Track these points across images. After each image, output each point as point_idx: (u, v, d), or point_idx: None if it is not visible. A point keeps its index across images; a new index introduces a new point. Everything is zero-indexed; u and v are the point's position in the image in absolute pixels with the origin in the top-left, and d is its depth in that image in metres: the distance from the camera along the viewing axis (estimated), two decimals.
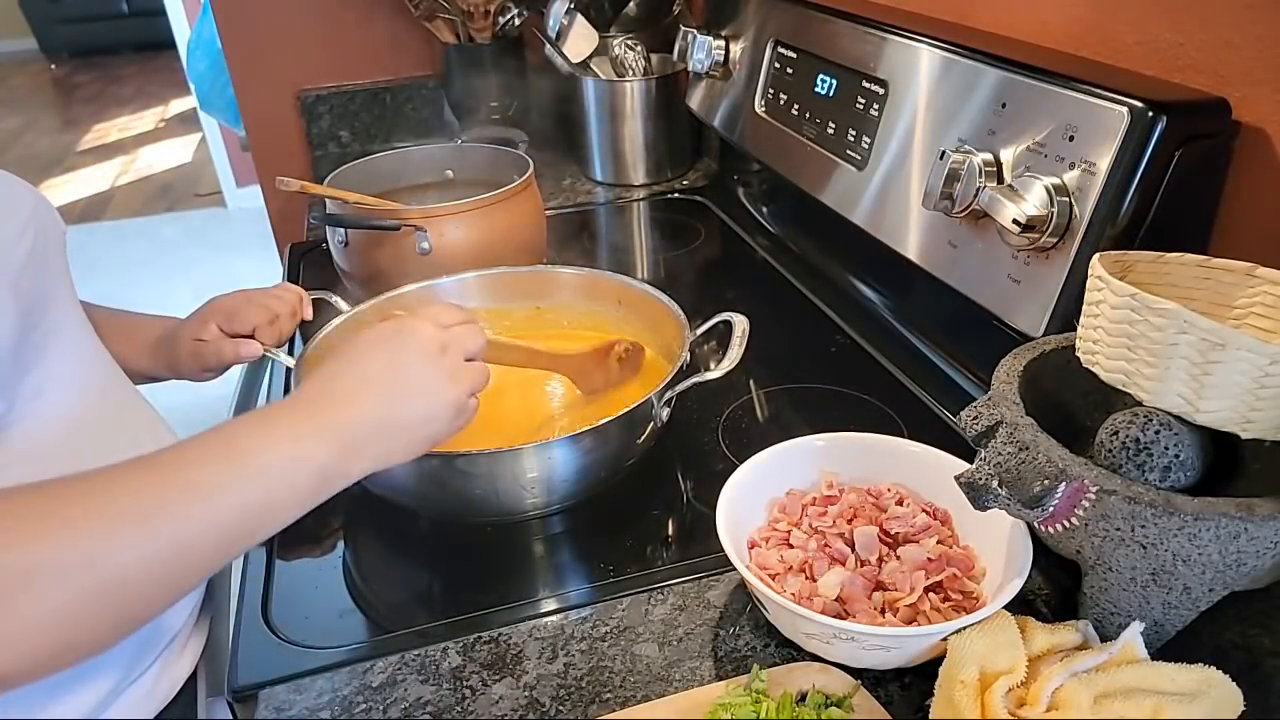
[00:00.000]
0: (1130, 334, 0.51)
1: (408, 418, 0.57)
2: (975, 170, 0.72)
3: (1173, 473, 0.53)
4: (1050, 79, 0.70)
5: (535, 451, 0.68)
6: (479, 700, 0.58)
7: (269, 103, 1.58)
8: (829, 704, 0.53)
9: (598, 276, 0.92)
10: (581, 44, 1.39)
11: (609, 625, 0.63)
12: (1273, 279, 0.56)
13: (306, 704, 0.58)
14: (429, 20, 1.47)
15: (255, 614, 0.66)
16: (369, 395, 0.56)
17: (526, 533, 0.74)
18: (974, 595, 0.59)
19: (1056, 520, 0.53)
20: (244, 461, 0.51)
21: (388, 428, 0.56)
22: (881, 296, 1.04)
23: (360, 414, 0.55)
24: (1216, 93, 0.66)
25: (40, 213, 0.70)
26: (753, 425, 0.86)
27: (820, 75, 1.01)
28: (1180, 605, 0.53)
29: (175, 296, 1.85)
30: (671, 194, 1.42)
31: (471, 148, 1.20)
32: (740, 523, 0.64)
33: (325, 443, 0.53)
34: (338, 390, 0.56)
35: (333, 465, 0.53)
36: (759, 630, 0.62)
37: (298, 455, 0.52)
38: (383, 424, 0.56)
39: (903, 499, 0.65)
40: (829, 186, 0.99)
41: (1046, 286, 0.69)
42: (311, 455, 0.52)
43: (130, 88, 6.03)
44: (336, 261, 1.06)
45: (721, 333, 0.79)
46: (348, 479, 0.54)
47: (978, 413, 0.57)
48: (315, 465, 0.52)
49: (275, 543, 0.73)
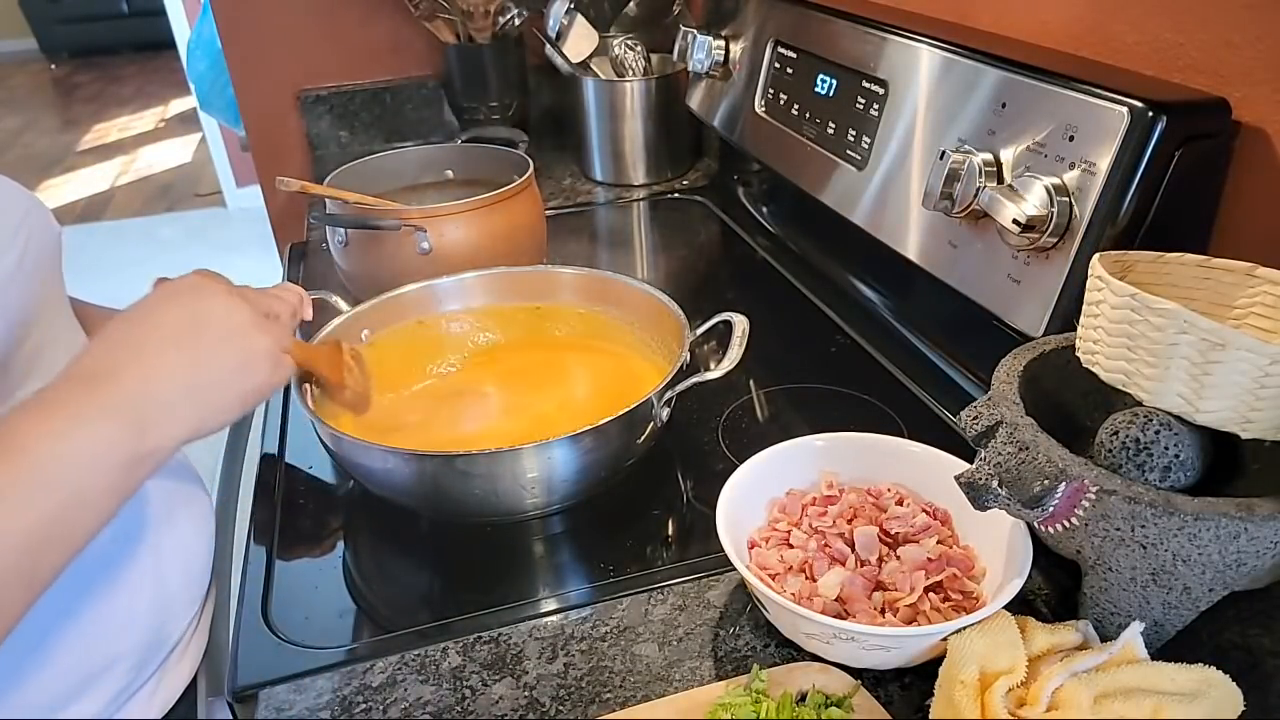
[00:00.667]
0: (1130, 334, 0.51)
1: (218, 372, 0.51)
2: (975, 170, 0.72)
3: (1173, 473, 0.53)
4: (1050, 79, 0.70)
5: (535, 451, 0.67)
6: (479, 700, 0.58)
7: (269, 103, 1.58)
8: (829, 704, 0.53)
9: (598, 276, 0.92)
10: (581, 44, 1.39)
11: (609, 625, 0.63)
12: (1273, 279, 0.56)
13: (306, 704, 0.58)
14: (429, 20, 1.47)
15: (255, 614, 0.66)
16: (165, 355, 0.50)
17: (526, 533, 0.74)
18: (974, 595, 0.59)
19: (1056, 520, 0.53)
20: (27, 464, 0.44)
21: (193, 390, 0.50)
22: (881, 296, 1.04)
23: (158, 380, 0.49)
24: (1216, 93, 0.66)
25: (33, 218, 0.67)
26: (753, 425, 0.86)
27: (820, 75, 1.01)
28: (1180, 605, 0.53)
29: None
30: (671, 194, 1.42)
31: (471, 148, 1.20)
32: (740, 523, 0.64)
33: (117, 423, 0.47)
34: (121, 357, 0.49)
35: (134, 445, 0.47)
36: (759, 630, 0.62)
37: (88, 444, 0.46)
38: (186, 387, 0.50)
39: (903, 499, 0.65)
40: (829, 186, 0.99)
41: (1046, 286, 0.69)
42: (106, 440, 0.46)
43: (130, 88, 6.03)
44: (336, 261, 1.06)
45: (721, 333, 0.79)
46: (162, 453, 0.49)
47: (978, 413, 0.57)
48: (112, 451, 0.46)
49: (275, 543, 0.73)
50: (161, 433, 0.49)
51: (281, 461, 0.83)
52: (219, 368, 0.52)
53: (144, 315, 0.52)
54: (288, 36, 1.53)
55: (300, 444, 0.85)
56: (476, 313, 0.93)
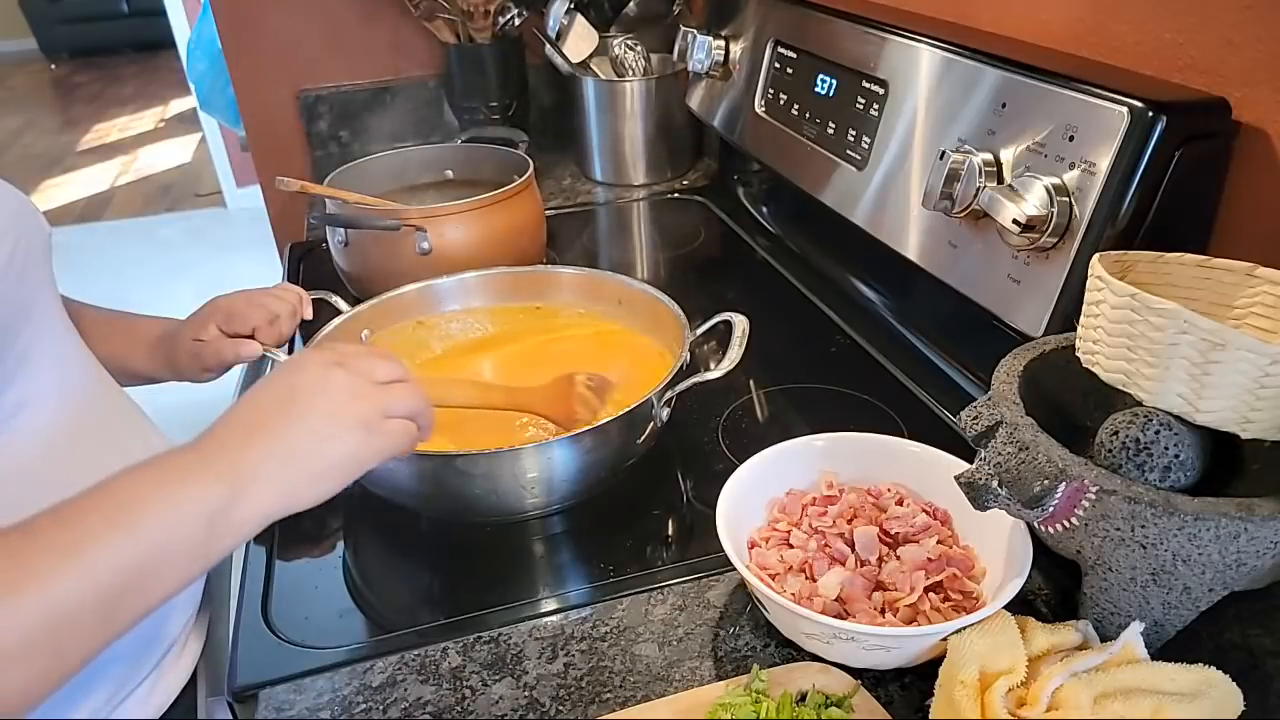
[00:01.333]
0: (1130, 334, 0.51)
1: (304, 440, 0.52)
2: (975, 170, 0.72)
3: (1173, 473, 0.53)
4: (1050, 79, 0.70)
5: (535, 451, 0.68)
6: (479, 700, 0.58)
7: (269, 103, 1.58)
8: (829, 704, 0.53)
9: (598, 276, 0.92)
10: (581, 44, 1.39)
11: (609, 625, 0.63)
12: (1273, 279, 0.56)
13: (306, 704, 0.58)
14: (429, 20, 1.47)
15: (255, 614, 0.66)
16: (260, 428, 0.52)
17: (526, 533, 0.74)
18: (974, 595, 0.59)
19: (1056, 520, 0.53)
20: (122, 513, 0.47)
21: (282, 456, 0.51)
22: (881, 296, 1.04)
23: (251, 448, 0.51)
24: (1216, 93, 0.66)
25: (22, 218, 0.67)
26: (753, 425, 0.86)
27: (820, 75, 1.01)
28: (1180, 605, 0.53)
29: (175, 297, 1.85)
30: (671, 194, 1.42)
31: (471, 148, 1.20)
32: (740, 523, 0.64)
33: (211, 483, 0.49)
34: (231, 430, 0.52)
35: (222, 507, 0.49)
36: (759, 630, 0.62)
37: (180, 500, 0.48)
38: (275, 453, 0.51)
39: (903, 499, 0.65)
40: (829, 186, 0.99)
41: (1046, 286, 0.69)
42: (196, 498, 0.48)
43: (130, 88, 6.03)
44: (336, 261, 1.06)
45: (721, 333, 0.79)
46: (248, 522, 0.50)
47: (978, 413, 0.57)
48: (201, 509, 0.48)
49: (275, 543, 0.73)
50: (249, 498, 0.50)
51: None
52: (306, 436, 0.52)
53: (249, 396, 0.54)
54: (288, 36, 1.53)
55: None
56: (476, 313, 0.93)
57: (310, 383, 0.54)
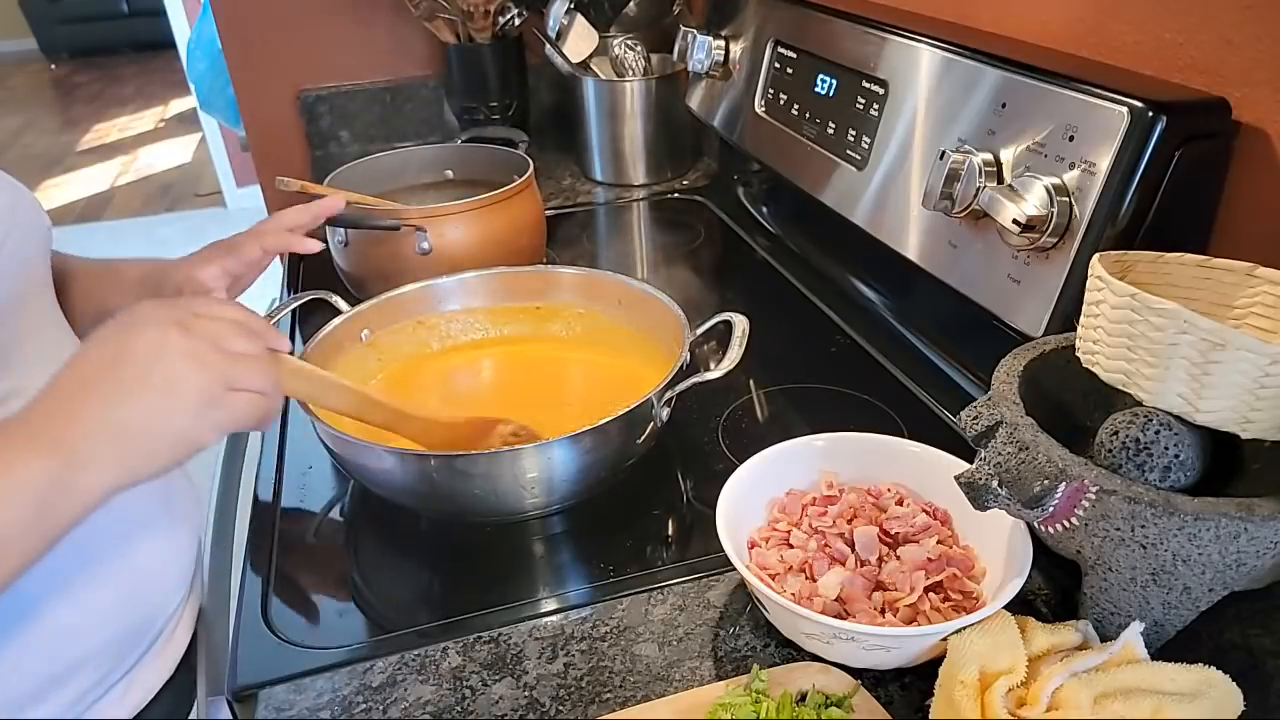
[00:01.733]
0: (1130, 334, 0.51)
1: (139, 414, 0.48)
2: (975, 170, 0.72)
3: (1173, 473, 0.53)
4: (1050, 79, 0.70)
5: (535, 451, 0.68)
6: (479, 700, 0.58)
7: (269, 103, 1.58)
8: (829, 704, 0.53)
9: (598, 276, 0.92)
10: (581, 44, 1.39)
11: (609, 625, 0.63)
12: (1273, 279, 0.56)
13: (306, 704, 0.58)
14: (429, 20, 1.47)
15: (255, 614, 0.66)
16: (89, 396, 0.48)
17: (526, 533, 0.74)
18: (974, 595, 0.59)
19: (1056, 520, 0.53)
20: None
21: (115, 431, 0.48)
22: (881, 296, 1.04)
23: (78, 421, 0.47)
24: (1216, 93, 0.66)
25: (20, 211, 0.67)
26: (753, 425, 0.86)
27: (820, 75, 1.01)
28: (1180, 605, 0.53)
29: None
30: (671, 194, 1.42)
31: (471, 148, 1.20)
32: (740, 523, 0.64)
33: (38, 459, 0.46)
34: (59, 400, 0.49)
35: (55, 482, 0.46)
36: (759, 630, 0.62)
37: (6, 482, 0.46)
38: (108, 426, 0.48)
39: (903, 499, 0.65)
40: (829, 186, 0.99)
41: (1046, 286, 0.69)
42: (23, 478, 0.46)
43: (130, 88, 6.03)
44: (336, 261, 1.06)
45: (721, 333, 0.79)
46: (90, 493, 0.48)
47: (978, 413, 0.57)
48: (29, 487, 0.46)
49: (275, 542, 0.73)
50: (83, 473, 0.47)
51: (281, 462, 0.83)
52: (138, 410, 0.48)
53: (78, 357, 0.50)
54: (288, 36, 1.53)
55: (300, 444, 0.85)
56: (476, 313, 0.93)
57: (146, 346, 0.49)
